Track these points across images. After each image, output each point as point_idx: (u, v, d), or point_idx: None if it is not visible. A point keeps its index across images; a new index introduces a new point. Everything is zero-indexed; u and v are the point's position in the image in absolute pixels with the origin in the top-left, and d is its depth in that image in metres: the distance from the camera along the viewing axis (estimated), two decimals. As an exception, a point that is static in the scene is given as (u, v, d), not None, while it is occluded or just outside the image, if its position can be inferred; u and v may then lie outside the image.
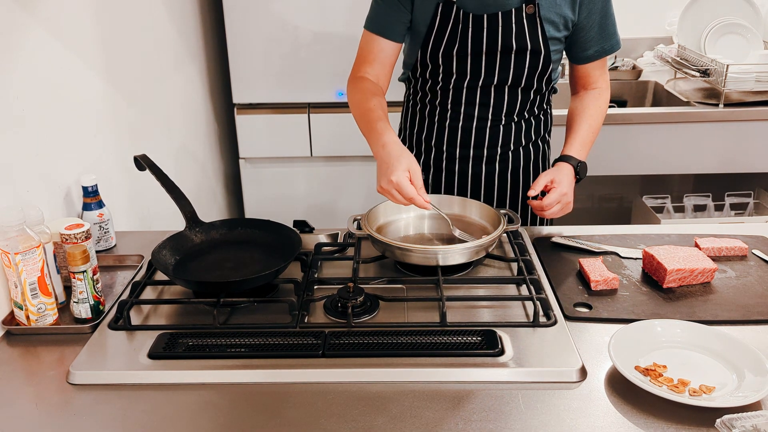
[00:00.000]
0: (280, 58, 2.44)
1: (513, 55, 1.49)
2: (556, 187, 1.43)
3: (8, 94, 1.26)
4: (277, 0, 2.37)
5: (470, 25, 1.47)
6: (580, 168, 1.51)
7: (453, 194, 1.65)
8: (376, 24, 1.54)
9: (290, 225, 1.41)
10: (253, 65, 2.46)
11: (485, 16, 1.46)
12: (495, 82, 1.53)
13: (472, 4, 1.46)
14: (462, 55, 1.51)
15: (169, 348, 1.09)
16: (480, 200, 1.64)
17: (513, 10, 1.45)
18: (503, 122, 1.59)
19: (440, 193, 1.67)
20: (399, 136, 1.76)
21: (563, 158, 1.52)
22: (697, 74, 2.48)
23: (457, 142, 1.62)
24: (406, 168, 1.28)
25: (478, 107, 1.57)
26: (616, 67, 2.90)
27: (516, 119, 1.60)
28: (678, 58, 2.65)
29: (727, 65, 2.36)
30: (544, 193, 1.46)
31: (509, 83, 1.54)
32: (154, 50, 2.03)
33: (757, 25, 2.61)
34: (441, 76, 1.56)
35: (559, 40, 1.51)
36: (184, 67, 2.29)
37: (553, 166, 1.53)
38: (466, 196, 1.65)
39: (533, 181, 1.53)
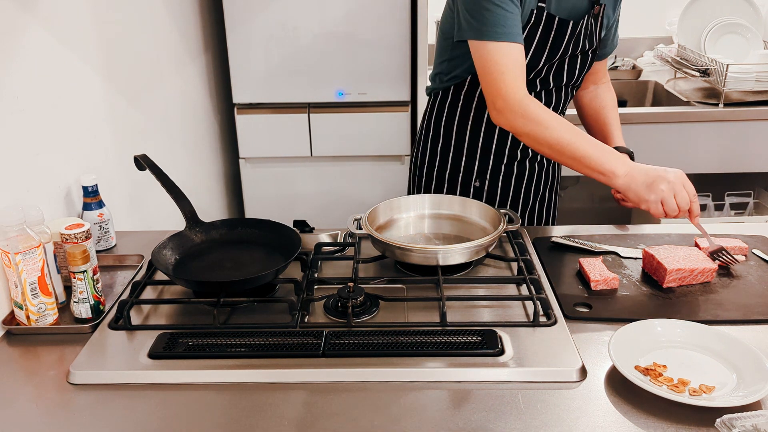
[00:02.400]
0: (280, 58, 2.44)
1: (580, 55, 1.54)
2: None
3: (8, 94, 1.26)
4: (277, 0, 2.37)
5: (568, 30, 1.46)
6: (632, 156, 1.55)
7: (507, 199, 1.67)
8: (505, 31, 1.35)
9: (290, 225, 1.41)
10: (253, 65, 2.46)
11: (572, 20, 1.47)
12: (563, 82, 1.56)
13: (563, 10, 1.46)
14: (544, 61, 1.49)
15: (169, 348, 1.09)
16: (519, 198, 1.67)
17: (592, 11, 1.50)
18: None
19: (495, 199, 1.66)
20: (426, 145, 1.70)
21: (617, 149, 1.52)
22: (697, 74, 2.48)
23: (507, 143, 1.62)
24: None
25: None
26: (616, 67, 2.90)
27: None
28: (678, 58, 2.65)
29: (727, 65, 2.36)
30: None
31: (572, 83, 1.58)
32: (154, 50, 2.03)
33: (757, 25, 2.62)
34: None
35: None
36: (184, 67, 2.29)
37: None
38: (517, 198, 1.67)
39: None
